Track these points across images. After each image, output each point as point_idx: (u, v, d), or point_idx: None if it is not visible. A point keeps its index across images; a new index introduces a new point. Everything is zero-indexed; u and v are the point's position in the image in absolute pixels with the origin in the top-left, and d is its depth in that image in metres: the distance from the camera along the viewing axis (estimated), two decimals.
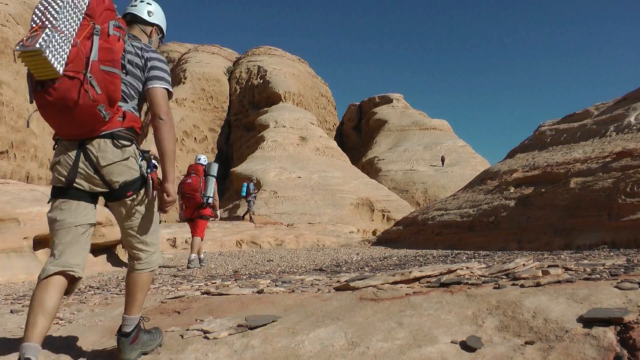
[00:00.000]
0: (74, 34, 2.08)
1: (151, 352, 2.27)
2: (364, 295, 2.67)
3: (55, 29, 1.98)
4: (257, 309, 2.69)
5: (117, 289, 5.04)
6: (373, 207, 26.63)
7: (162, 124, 2.29)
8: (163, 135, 2.30)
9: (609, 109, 14.21)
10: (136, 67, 2.31)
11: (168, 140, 2.31)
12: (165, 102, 2.34)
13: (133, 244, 2.32)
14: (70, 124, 2.13)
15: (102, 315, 3.04)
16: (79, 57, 2.06)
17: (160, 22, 2.63)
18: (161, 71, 2.36)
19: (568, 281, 2.52)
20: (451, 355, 1.90)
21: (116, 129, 2.22)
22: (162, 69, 2.37)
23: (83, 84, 2.05)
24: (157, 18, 2.60)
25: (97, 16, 2.19)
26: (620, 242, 9.24)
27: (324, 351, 2.04)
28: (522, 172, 13.54)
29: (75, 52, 2.06)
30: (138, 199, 2.28)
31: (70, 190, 2.21)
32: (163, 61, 2.41)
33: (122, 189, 2.24)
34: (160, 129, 2.29)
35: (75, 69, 2.05)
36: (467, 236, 13.05)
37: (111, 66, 2.14)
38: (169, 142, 2.32)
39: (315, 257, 10.26)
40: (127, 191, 2.25)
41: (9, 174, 22.48)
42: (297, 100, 39.73)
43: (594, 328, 1.90)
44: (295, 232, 16.92)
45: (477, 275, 3.07)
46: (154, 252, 2.37)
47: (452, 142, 44.62)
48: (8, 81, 24.10)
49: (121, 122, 2.24)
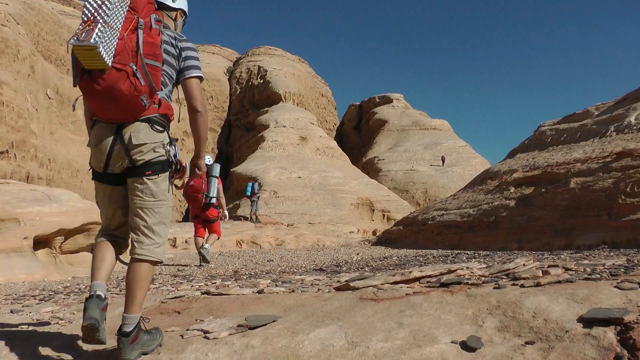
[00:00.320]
0: (120, 27, 2.23)
1: (151, 352, 2.28)
2: (364, 295, 2.67)
3: (106, 24, 2.14)
4: (257, 309, 2.69)
5: (117, 289, 5.04)
6: (373, 207, 26.63)
7: (199, 116, 2.52)
8: (200, 125, 2.53)
9: (609, 109, 14.20)
10: (171, 57, 2.46)
11: (204, 129, 2.55)
12: (200, 93, 2.55)
13: (139, 225, 2.38)
14: (113, 110, 2.30)
15: None
16: (125, 50, 2.21)
17: (183, 6, 2.75)
18: (195, 60, 2.53)
19: (568, 281, 2.52)
20: (451, 355, 1.90)
21: (152, 114, 2.38)
22: (195, 57, 2.55)
23: (129, 76, 2.22)
24: (180, 3, 2.72)
25: (139, 10, 2.34)
26: (621, 242, 9.25)
27: (324, 351, 2.04)
28: (523, 172, 13.54)
29: (122, 45, 2.21)
30: (156, 180, 2.39)
31: (105, 176, 2.43)
32: (195, 49, 2.58)
33: (143, 167, 2.36)
34: (198, 120, 2.52)
35: (123, 62, 2.21)
36: (467, 236, 13.05)
37: (154, 60, 2.31)
38: (204, 130, 2.56)
39: (315, 257, 10.26)
40: (147, 170, 2.36)
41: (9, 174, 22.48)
42: (297, 100, 39.72)
43: (594, 328, 1.90)
44: (295, 232, 16.92)
45: (477, 275, 3.07)
46: (160, 244, 2.41)
47: (452, 142, 44.61)
48: (8, 81, 24.10)
49: (157, 109, 2.40)
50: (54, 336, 2.54)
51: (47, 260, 7.57)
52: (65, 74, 32.95)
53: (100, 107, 2.33)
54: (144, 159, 2.35)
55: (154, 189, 2.38)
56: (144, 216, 2.38)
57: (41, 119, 26.97)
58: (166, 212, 2.46)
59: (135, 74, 2.23)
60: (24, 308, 3.58)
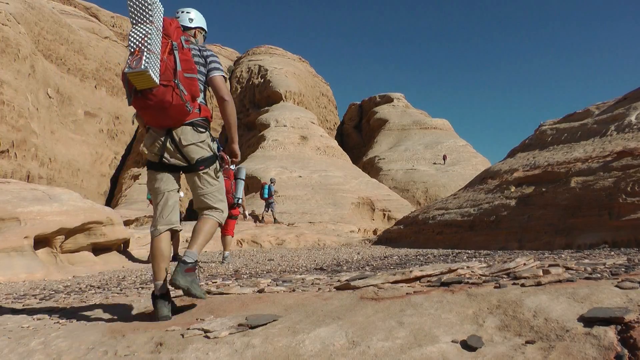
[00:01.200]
0: (159, 51, 2.79)
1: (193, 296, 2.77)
2: (364, 295, 2.67)
3: (150, 52, 2.70)
4: (257, 308, 2.69)
5: (117, 288, 5.04)
6: (374, 206, 26.62)
7: (227, 104, 3.06)
8: (228, 111, 3.07)
9: (610, 108, 14.19)
10: (200, 65, 3.03)
11: (232, 115, 3.09)
12: (225, 86, 3.10)
13: (206, 206, 3.04)
14: (164, 118, 2.88)
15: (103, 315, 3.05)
16: (167, 69, 2.79)
17: (201, 24, 3.31)
18: (217, 63, 3.10)
19: (569, 280, 2.52)
20: (452, 354, 1.90)
21: (195, 119, 2.95)
22: (217, 61, 3.11)
23: (174, 89, 2.79)
24: (197, 22, 3.29)
25: (172, 35, 2.91)
26: (621, 241, 9.24)
27: (325, 350, 2.04)
28: (523, 172, 13.54)
29: (164, 66, 2.79)
30: (208, 172, 3.01)
31: (161, 165, 2.98)
32: (216, 55, 3.13)
33: (197, 164, 2.98)
34: (226, 107, 3.06)
35: (167, 79, 2.78)
36: (467, 235, 13.05)
37: (191, 73, 2.89)
38: (233, 116, 3.09)
39: (315, 257, 10.26)
40: (200, 166, 2.99)
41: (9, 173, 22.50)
42: (297, 100, 39.71)
43: (595, 327, 1.90)
44: (295, 232, 16.92)
45: (477, 274, 3.07)
46: (222, 212, 3.07)
47: (452, 141, 44.60)
48: (9, 80, 24.10)
49: (198, 114, 2.98)
50: (54, 335, 2.54)
51: (47, 259, 7.58)
52: (66, 73, 32.97)
53: (153, 117, 2.92)
54: (194, 157, 2.95)
55: (208, 179, 3.03)
56: (207, 201, 3.03)
57: (42, 118, 26.97)
58: (221, 191, 3.11)
59: (178, 86, 2.79)
60: (24, 307, 3.58)
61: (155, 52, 2.73)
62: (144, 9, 2.82)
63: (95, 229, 8.43)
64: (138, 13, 2.82)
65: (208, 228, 2.98)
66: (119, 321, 2.82)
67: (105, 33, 40.73)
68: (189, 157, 2.94)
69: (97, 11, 48.54)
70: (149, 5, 2.81)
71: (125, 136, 38.18)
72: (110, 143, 35.75)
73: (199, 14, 3.32)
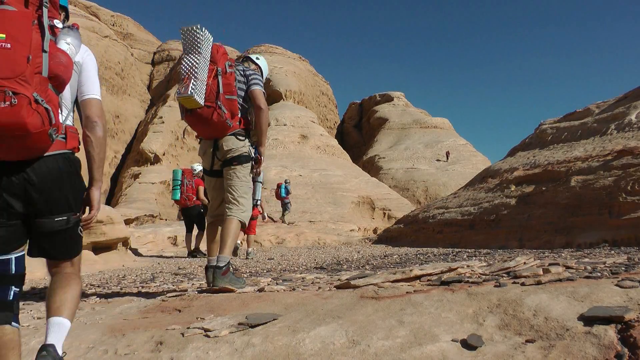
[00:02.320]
0: (206, 77, 3.46)
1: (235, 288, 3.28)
2: (364, 294, 2.67)
3: (197, 79, 3.35)
4: (257, 307, 2.69)
5: (117, 287, 5.04)
6: (374, 205, 26.62)
7: (262, 112, 3.66)
8: (262, 119, 3.67)
9: (610, 107, 14.18)
10: (242, 84, 3.68)
11: (265, 122, 3.68)
12: (262, 97, 3.67)
13: (229, 198, 3.61)
14: (210, 131, 3.63)
15: (103, 314, 3.05)
16: (211, 92, 3.50)
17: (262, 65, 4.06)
18: (256, 79, 3.71)
19: (569, 279, 2.52)
20: (452, 353, 1.90)
21: (236, 130, 3.63)
22: (258, 78, 3.73)
23: (216, 109, 3.51)
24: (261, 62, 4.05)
25: (217, 61, 3.58)
26: (621, 240, 9.24)
27: (325, 349, 2.04)
28: (523, 171, 13.53)
29: (209, 89, 3.49)
30: (239, 167, 3.63)
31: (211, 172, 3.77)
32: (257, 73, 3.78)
33: (231, 160, 3.63)
34: (260, 115, 3.66)
35: (210, 100, 3.50)
36: (468, 234, 13.04)
37: (230, 94, 3.58)
38: (265, 124, 3.69)
39: (316, 256, 10.26)
40: (234, 161, 3.62)
41: None
42: (297, 99, 39.68)
43: (595, 326, 1.90)
44: (296, 231, 16.91)
45: (477, 273, 3.07)
46: (244, 210, 3.60)
47: (453, 140, 44.58)
48: None
49: (239, 125, 3.66)
50: None
51: None
52: None
53: (202, 130, 3.69)
54: (232, 155, 3.61)
55: (237, 174, 3.62)
56: (232, 191, 3.61)
57: None
58: (246, 189, 3.66)
59: (220, 107, 3.51)
60: (24, 306, 3.58)
61: (201, 79, 3.39)
62: (195, 41, 3.40)
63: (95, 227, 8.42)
64: (189, 44, 3.41)
65: (232, 230, 3.49)
66: (119, 320, 2.82)
67: (105, 32, 40.70)
68: (226, 158, 3.61)
69: (97, 10, 48.50)
70: (199, 38, 3.40)
71: (126, 135, 38.17)
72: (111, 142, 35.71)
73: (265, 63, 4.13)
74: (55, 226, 1.88)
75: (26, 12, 1.78)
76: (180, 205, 10.62)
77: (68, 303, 1.93)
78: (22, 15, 1.76)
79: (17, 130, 1.67)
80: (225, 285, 3.27)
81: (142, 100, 43.79)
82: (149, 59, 50.86)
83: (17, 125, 1.66)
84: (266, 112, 3.65)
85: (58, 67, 1.82)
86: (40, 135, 1.74)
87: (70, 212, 1.93)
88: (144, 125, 37.92)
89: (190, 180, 10.24)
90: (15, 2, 1.79)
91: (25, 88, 1.67)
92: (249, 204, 3.63)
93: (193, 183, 10.22)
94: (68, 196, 1.91)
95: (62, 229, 1.91)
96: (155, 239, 13.86)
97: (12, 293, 1.82)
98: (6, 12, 1.73)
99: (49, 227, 1.87)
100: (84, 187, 2.03)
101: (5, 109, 1.63)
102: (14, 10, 1.75)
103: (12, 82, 1.65)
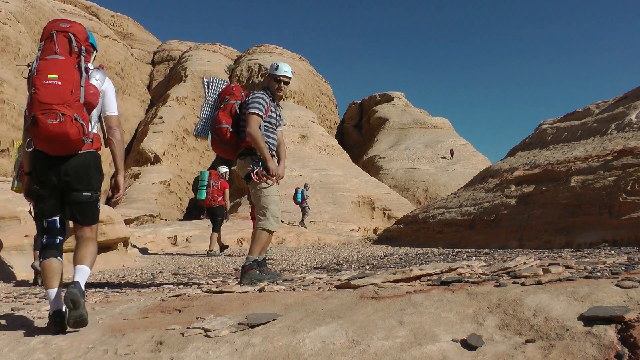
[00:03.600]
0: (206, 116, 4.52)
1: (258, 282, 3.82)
2: (364, 294, 2.67)
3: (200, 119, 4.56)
4: (257, 307, 2.69)
5: (117, 287, 5.04)
6: (374, 205, 26.63)
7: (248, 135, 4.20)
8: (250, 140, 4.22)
9: (610, 107, 14.17)
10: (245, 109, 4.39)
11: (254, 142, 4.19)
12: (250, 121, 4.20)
13: (257, 209, 4.33)
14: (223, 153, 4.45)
15: (103, 314, 3.04)
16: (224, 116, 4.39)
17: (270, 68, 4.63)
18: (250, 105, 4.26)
19: (569, 279, 2.52)
20: (452, 353, 1.90)
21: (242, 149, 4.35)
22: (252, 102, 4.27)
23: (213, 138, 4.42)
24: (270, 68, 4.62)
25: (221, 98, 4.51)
26: (621, 240, 9.23)
27: (325, 349, 2.04)
28: (523, 171, 13.52)
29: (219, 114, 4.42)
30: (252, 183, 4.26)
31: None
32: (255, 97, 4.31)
33: (246, 177, 4.32)
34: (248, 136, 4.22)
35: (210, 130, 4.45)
36: (468, 234, 13.04)
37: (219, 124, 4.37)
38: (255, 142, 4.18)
39: (316, 256, 10.26)
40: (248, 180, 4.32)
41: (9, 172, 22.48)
42: (298, 99, 39.70)
43: (595, 326, 1.90)
44: (296, 231, 16.93)
45: (478, 273, 3.07)
46: (267, 218, 4.20)
47: (453, 140, 44.57)
48: (9, 79, 24.10)
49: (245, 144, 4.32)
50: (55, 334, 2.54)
51: None
52: None
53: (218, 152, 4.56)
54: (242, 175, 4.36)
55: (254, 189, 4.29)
56: (256, 204, 4.30)
57: None
58: (265, 200, 4.23)
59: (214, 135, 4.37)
60: (24, 306, 3.58)
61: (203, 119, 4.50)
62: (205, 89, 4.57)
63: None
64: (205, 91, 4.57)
65: (258, 237, 4.21)
66: (119, 320, 2.82)
67: (105, 32, 40.70)
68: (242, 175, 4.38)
69: (97, 10, 48.49)
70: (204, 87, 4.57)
71: (126, 135, 38.15)
72: None
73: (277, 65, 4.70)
74: (82, 198, 2.79)
75: (70, 59, 2.72)
76: (205, 205, 11.02)
77: (88, 255, 2.78)
78: (68, 62, 2.70)
79: (63, 137, 2.59)
80: (249, 282, 3.95)
81: (142, 100, 43.79)
82: (149, 59, 50.85)
83: (63, 134, 2.58)
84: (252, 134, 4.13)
85: (90, 96, 2.73)
86: (77, 141, 2.65)
87: (92, 190, 2.83)
88: (144, 125, 37.92)
89: (216, 181, 10.81)
90: (63, 52, 2.72)
91: (69, 110, 2.59)
92: (270, 211, 4.19)
93: (219, 184, 10.78)
94: (91, 179, 2.81)
95: (86, 201, 2.81)
96: (155, 239, 13.86)
97: (59, 240, 2.80)
98: (58, 60, 2.69)
99: (78, 198, 2.78)
100: (102, 175, 2.91)
101: (56, 124, 2.56)
102: (62, 58, 2.70)
103: (61, 107, 2.57)
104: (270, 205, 4.17)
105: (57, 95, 2.58)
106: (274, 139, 4.39)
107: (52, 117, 2.56)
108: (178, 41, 53.67)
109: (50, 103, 2.57)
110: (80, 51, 2.74)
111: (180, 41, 53.61)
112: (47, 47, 2.73)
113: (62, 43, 2.74)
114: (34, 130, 2.61)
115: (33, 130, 2.61)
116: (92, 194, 2.82)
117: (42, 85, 2.60)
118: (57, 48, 2.72)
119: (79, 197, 2.78)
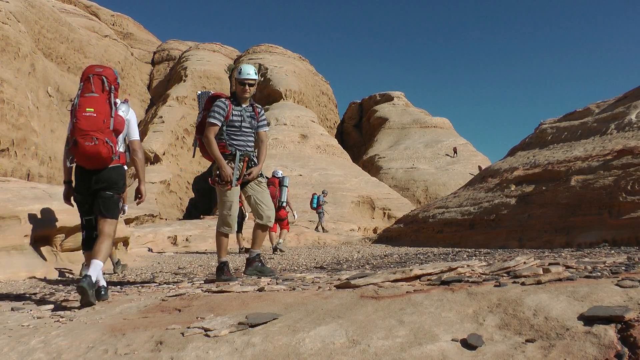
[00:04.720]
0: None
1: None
2: (364, 293, 2.67)
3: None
4: (257, 307, 2.69)
5: (117, 287, 5.04)
6: (374, 205, 26.63)
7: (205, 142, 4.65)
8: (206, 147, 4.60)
9: (610, 107, 14.17)
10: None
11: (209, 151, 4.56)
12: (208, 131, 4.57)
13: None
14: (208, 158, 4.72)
15: (103, 313, 3.04)
16: None
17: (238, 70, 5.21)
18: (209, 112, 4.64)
19: (569, 279, 2.52)
20: (452, 353, 1.90)
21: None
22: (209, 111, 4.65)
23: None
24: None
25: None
26: (621, 240, 9.24)
27: (325, 349, 2.04)
28: (523, 170, 13.53)
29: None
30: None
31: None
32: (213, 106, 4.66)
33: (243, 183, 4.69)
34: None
35: None
36: (468, 234, 13.05)
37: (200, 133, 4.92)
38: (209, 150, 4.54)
39: (316, 255, 10.26)
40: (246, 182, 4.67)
41: (9, 171, 22.48)
42: (298, 98, 39.68)
43: (595, 326, 1.90)
44: (296, 230, 16.92)
45: (477, 273, 3.07)
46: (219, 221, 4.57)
47: (453, 140, 44.58)
48: (9, 79, 24.08)
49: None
50: (54, 334, 2.54)
51: (48, 258, 7.57)
52: (66, 71, 32.94)
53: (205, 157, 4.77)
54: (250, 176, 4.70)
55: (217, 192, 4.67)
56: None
57: (42, 117, 26.95)
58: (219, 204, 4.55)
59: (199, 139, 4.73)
60: (24, 306, 3.58)
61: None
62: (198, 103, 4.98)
63: None
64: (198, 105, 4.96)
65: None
66: (119, 320, 2.82)
67: (106, 32, 40.69)
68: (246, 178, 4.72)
69: (98, 10, 48.50)
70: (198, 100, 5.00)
71: None
72: None
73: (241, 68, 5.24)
74: (107, 195, 3.68)
75: (103, 96, 3.61)
76: None
77: (101, 251, 3.52)
78: (101, 98, 3.60)
79: (97, 155, 3.51)
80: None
81: (142, 100, 43.79)
82: (149, 58, 50.86)
83: (97, 153, 3.50)
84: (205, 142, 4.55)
85: (118, 124, 3.64)
86: (108, 158, 3.57)
87: (116, 191, 3.73)
88: (144, 125, 37.90)
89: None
90: (98, 90, 3.60)
91: (102, 135, 3.50)
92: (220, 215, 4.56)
93: None
94: (117, 184, 3.74)
95: (110, 198, 3.69)
96: (155, 238, 13.86)
97: (95, 233, 3.74)
98: (94, 97, 3.59)
99: (104, 195, 3.67)
100: (125, 183, 3.84)
101: (92, 145, 3.47)
102: (97, 96, 3.59)
103: (96, 133, 3.48)
104: (222, 210, 4.51)
105: (93, 124, 3.47)
106: (241, 141, 4.64)
107: (89, 140, 3.44)
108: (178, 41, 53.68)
109: (88, 130, 3.46)
110: (110, 89, 3.63)
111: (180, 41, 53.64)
112: (86, 86, 3.61)
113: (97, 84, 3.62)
114: (74, 150, 3.51)
115: (74, 150, 3.51)
116: (114, 194, 3.70)
117: (82, 117, 3.48)
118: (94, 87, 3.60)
119: (105, 195, 3.66)
